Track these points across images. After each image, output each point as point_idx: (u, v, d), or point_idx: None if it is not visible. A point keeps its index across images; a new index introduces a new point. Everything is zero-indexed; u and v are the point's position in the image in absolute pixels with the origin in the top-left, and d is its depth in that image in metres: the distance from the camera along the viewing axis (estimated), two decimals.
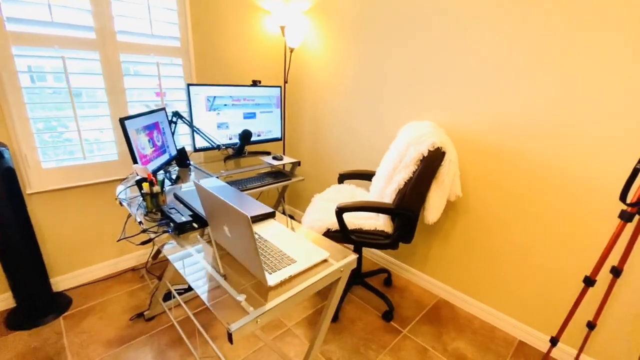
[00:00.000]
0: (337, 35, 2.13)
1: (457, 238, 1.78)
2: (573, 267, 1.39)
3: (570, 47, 1.26)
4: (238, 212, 0.77)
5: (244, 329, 0.75)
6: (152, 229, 1.15)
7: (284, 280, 0.90)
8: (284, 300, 0.84)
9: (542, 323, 1.54)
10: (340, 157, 2.30)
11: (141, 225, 1.18)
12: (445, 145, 1.39)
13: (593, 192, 1.29)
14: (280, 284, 0.89)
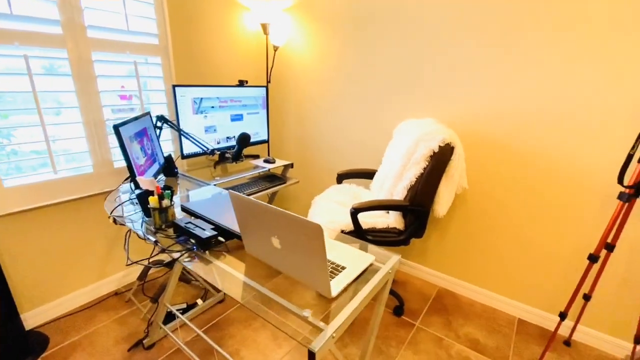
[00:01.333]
0: (324, 33, 2.10)
1: (456, 228, 1.87)
2: (569, 246, 1.53)
3: (560, 43, 1.37)
4: (306, 221, 0.71)
5: (324, 347, 0.70)
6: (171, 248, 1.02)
7: (343, 290, 0.86)
8: (352, 310, 0.80)
9: (540, 301, 1.68)
10: (333, 157, 2.27)
11: (157, 244, 1.05)
12: (454, 141, 1.44)
13: (585, 178, 1.43)
14: (340, 294, 0.85)
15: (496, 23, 1.50)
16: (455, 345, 1.57)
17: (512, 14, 1.45)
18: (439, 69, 1.71)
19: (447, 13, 1.62)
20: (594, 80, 1.33)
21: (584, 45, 1.33)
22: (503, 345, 1.58)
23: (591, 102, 1.36)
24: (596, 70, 1.32)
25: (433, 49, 1.71)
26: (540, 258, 1.63)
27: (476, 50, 1.58)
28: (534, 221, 1.60)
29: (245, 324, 1.67)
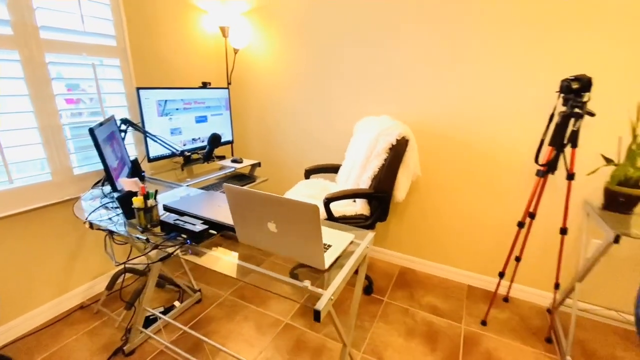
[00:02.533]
0: (283, 36, 2.21)
1: (411, 212, 2.11)
2: (502, 217, 1.85)
3: (488, 49, 1.67)
4: (304, 203, 0.83)
5: (326, 307, 0.83)
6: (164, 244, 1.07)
7: (333, 262, 0.99)
8: (343, 277, 0.94)
9: (483, 267, 1.99)
10: (300, 155, 2.40)
11: (148, 242, 1.08)
12: (408, 134, 1.66)
13: (511, 159, 1.74)
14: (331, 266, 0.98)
15: (438, 31, 1.75)
16: (419, 313, 1.80)
17: (452, 25, 1.72)
18: (391, 71, 1.93)
19: (396, 22, 1.84)
20: (515, 78, 1.64)
21: (506, 51, 1.63)
22: (457, 308, 1.84)
23: (514, 96, 1.67)
24: (516, 70, 1.63)
25: (386, 53, 1.92)
26: (481, 230, 1.93)
27: (422, 53, 1.82)
28: (474, 199, 1.90)
29: (227, 319, 1.72)
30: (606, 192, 1.51)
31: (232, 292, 1.93)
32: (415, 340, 1.61)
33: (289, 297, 0.88)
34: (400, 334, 1.64)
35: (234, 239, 1.14)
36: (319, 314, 0.80)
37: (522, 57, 1.60)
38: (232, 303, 1.84)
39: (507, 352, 1.54)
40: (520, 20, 1.57)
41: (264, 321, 1.71)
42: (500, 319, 1.76)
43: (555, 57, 1.54)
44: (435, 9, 1.72)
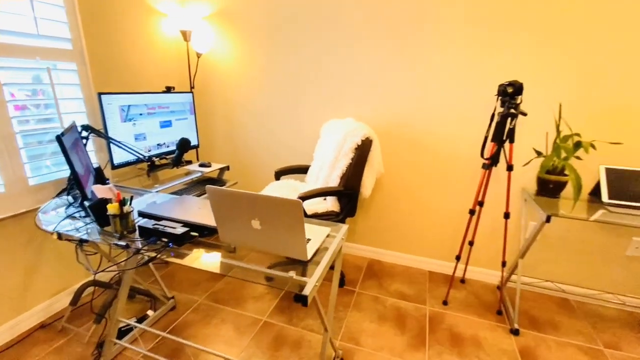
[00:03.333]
0: (247, 41, 2.25)
1: (375, 207, 2.26)
2: (456, 206, 2.06)
3: (438, 60, 1.86)
4: (287, 199, 0.91)
5: (312, 292, 0.91)
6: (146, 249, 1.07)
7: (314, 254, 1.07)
8: (324, 265, 1.02)
9: (442, 253, 2.19)
10: (269, 157, 2.44)
11: (128, 249, 1.08)
12: (371, 135, 1.80)
13: (462, 154, 1.96)
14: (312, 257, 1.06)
15: (394, 41, 1.92)
16: (388, 300, 1.94)
17: (406, 37, 1.89)
18: (353, 76, 2.06)
19: (357, 29, 1.98)
20: (461, 84, 1.85)
21: (454, 60, 1.83)
22: (421, 292, 2.02)
23: (460, 100, 1.88)
24: (462, 76, 1.84)
25: (347, 58, 2.04)
26: (438, 220, 2.13)
27: (380, 60, 1.97)
28: (430, 192, 2.09)
29: (203, 323, 1.72)
30: (538, 180, 1.77)
31: (207, 297, 1.93)
32: (386, 324, 1.74)
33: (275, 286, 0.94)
34: (372, 320, 1.77)
35: (214, 239, 1.17)
36: (306, 299, 0.88)
37: (467, 65, 1.81)
38: (208, 307, 1.84)
39: (466, 326, 1.73)
40: (464, 34, 1.78)
41: (242, 322, 1.74)
42: (459, 298, 1.97)
43: (494, 66, 1.77)
44: (392, 22, 1.89)
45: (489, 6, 1.70)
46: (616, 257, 1.84)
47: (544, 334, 1.69)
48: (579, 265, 1.92)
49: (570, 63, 1.66)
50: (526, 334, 1.69)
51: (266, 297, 1.93)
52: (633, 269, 1.83)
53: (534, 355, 1.55)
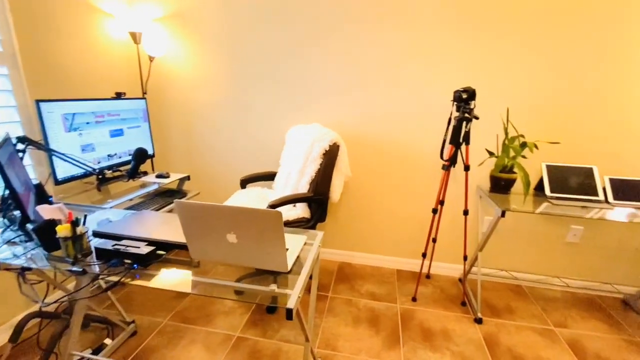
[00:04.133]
0: (205, 45, 2.16)
1: (344, 210, 2.29)
2: (420, 206, 2.16)
3: (398, 68, 1.94)
4: (266, 210, 0.88)
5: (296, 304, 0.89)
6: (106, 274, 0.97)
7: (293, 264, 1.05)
8: (305, 275, 1.00)
9: (408, 251, 2.28)
10: (233, 165, 2.36)
11: (85, 275, 0.97)
12: (339, 140, 1.82)
13: (424, 157, 2.05)
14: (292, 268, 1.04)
15: (357, 50, 1.96)
16: (361, 301, 1.97)
17: (367, 47, 1.94)
18: (318, 82, 2.07)
19: (318, 36, 1.99)
20: (420, 90, 1.95)
21: (412, 68, 1.92)
22: (391, 291, 2.08)
23: (419, 105, 1.97)
24: (421, 83, 1.94)
25: (311, 65, 2.05)
26: (404, 219, 2.21)
27: (343, 66, 2.01)
28: (396, 192, 2.17)
29: (170, 347, 1.60)
30: (491, 178, 1.92)
31: (172, 317, 1.80)
32: (361, 326, 1.76)
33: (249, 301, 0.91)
34: (347, 324, 1.78)
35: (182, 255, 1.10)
36: (291, 312, 0.85)
37: (425, 73, 1.91)
38: (174, 328, 1.72)
39: (435, 320, 1.82)
40: (422, 45, 1.87)
41: (213, 340, 1.65)
42: (426, 293, 2.05)
43: (449, 74, 1.89)
44: (355, 31, 1.93)
45: (444, 21, 1.81)
46: (558, 244, 2.05)
47: (504, 320, 1.83)
48: (528, 253, 2.11)
49: (516, 71, 1.82)
50: (488, 321, 1.81)
51: (237, 312, 1.85)
52: (572, 253, 2.06)
53: (497, 341, 1.67)
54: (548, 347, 1.63)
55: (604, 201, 1.76)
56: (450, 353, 1.58)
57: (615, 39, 1.69)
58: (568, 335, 1.72)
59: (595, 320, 1.84)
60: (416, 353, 1.58)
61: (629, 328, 1.78)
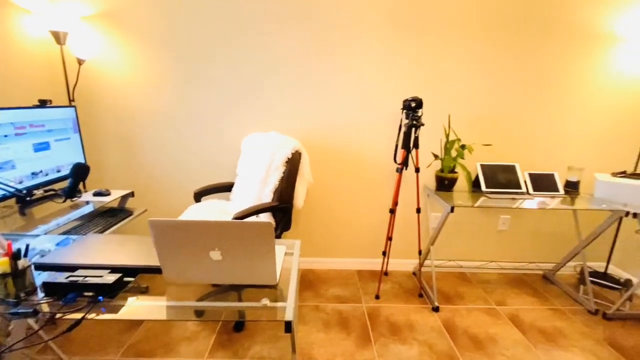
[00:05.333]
0: (145, 48, 1.99)
1: (306, 218, 2.30)
2: (379, 207, 2.28)
3: (354, 77, 2.04)
4: (256, 223, 0.85)
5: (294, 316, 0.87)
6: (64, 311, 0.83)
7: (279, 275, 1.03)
8: (295, 286, 0.99)
9: (369, 252, 2.38)
10: (184, 178, 2.19)
11: (36, 316, 0.81)
12: (300, 148, 1.83)
13: (380, 161, 2.18)
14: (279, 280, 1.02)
15: (314, 60, 2.01)
16: (328, 305, 1.99)
17: (323, 58, 2.00)
18: (273, 89, 2.06)
19: (271, 42, 1.99)
20: (374, 99, 2.07)
21: (367, 77, 2.04)
22: (355, 291, 2.14)
23: (373, 113, 2.10)
24: (375, 92, 2.06)
25: (265, 72, 2.03)
26: (363, 221, 2.31)
27: (300, 74, 2.04)
28: (354, 196, 2.26)
29: None
30: (437, 178, 2.12)
31: (124, 352, 1.60)
32: (333, 330, 1.78)
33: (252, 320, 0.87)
34: (319, 330, 1.78)
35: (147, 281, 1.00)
36: (290, 325, 0.84)
37: (378, 82, 2.05)
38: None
39: (399, 314, 1.93)
40: (373, 58, 2.00)
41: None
42: (386, 290, 2.17)
43: (399, 84, 2.05)
44: (308, 39, 1.97)
45: (394, 37, 1.97)
46: (492, 233, 2.36)
47: (456, 305, 2.02)
48: (469, 243, 2.37)
49: (456, 84, 2.06)
50: (444, 308, 1.99)
51: (201, 335, 1.72)
52: (503, 240, 2.38)
53: (454, 325, 1.84)
54: (494, 324, 1.86)
55: (526, 193, 2.08)
56: (417, 343, 1.70)
57: (534, 63, 2.03)
58: (508, 311, 1.98)
59: (525, 295, 2.15)
60: (388, 348, 1.66)
61: (551, 298, 2.12)
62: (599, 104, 2.12)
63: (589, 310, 1.99)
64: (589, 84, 2.08)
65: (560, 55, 2.03)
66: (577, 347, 1.70)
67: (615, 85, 2.09)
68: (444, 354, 1.63)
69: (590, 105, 2.12)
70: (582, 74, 2.06)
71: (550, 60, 2.04)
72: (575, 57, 2.04)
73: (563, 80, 2.08)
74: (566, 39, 2.01)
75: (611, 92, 2.10)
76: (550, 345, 1.71)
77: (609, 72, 2.06)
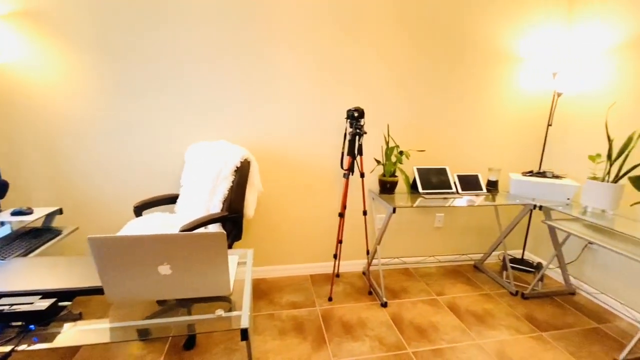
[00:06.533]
0: (72, 52, 1.83)
1: (256, 226, 2.30)
2: (328, 212, 2.36)
3: (301, 86, 2.11)
4: (208, 233, 0.86)
5: (250, 323, 0.89)
6: None
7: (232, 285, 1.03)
8: (249, 294, 1.00)
9: (320, 256, 2.45)
10: (122, 191, 2.03)
11: None
12: (249, 156, 1.84)
13: (328, 167, 2.27)
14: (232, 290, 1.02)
15: (259, 69, 2.03)
16: (283, 312, 2.01)
17: (270, 66, 2.03)
18: (217, 99, 2.04)
19: (214, 52, 1.97)
20: (321, 108, 2.16)
21: (313, 88, 2.12)
22: (309, 296, 2.19)
23: (320, 122, 2.18)
24: (322, 103, 2.15)
25: (206, 81, 2.00)
26: (315, 227, 2.37)
27: (245, 85, 2.04)
28: (304, 203, 2.32)
29: None
30: (380, 182, 2.28)
31: None
32: (288, 336, 1.80)
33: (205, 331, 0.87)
34: (274, 337, 1.79)
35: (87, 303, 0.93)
36: (246, 332, 0.85)
37: (324, 92, 2.14)
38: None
39: (351, 313, 2.02)
40: (318, 69, 2.09)
41: None
42: (339, 291, 2.25)
43: (343, 95, 2.17)
44: (256, 49, 2.00)
45: (337, 50, 2.08)
46: (430, 230, 2.59)
47: (402, 300, 2.18)
48: (410, 240, 2.57)
49: (393, 96, 2.24)
50: (391, 303, 2.13)
51: (147, 358, 1.62)
52: (439, 235, 2.62)
53: (401, 318, 1.98)
54: (436, 313, 2.04)
55: (456, 192, 2.33)
56: (368, 339, 1.80)
57: (457, 78, 2.30)
58: (446, 300, 2.19)
59: (460, 284, 2.40)
60: (341, 347, 1.73)
61: (481, 285, 2.39)
62: (509, 114, 2.48)
63: (510, 292, 2.28)
64: (500, 96, 2.42)
65: (477, 71, 2.34)
66: (503, 324, 1.95)
67: (520, 97, 2.46)
68: (393, 345, 1.75)
69: (502, 115, 2.47)
70: (494, 87, 2.40)
71: (469, 76, 2.34)
72: (488, 73, 2.36)
73: (480, 93, 2.39)
74: (481, 57, 2.32)
75: (517, 103, 2.47)
76: (481, 326, 1.93)
77: (514, 86, 2.43)
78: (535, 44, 2.37)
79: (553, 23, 2.35)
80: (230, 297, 1.00)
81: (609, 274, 2.13)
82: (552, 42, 2.40)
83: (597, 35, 2.19)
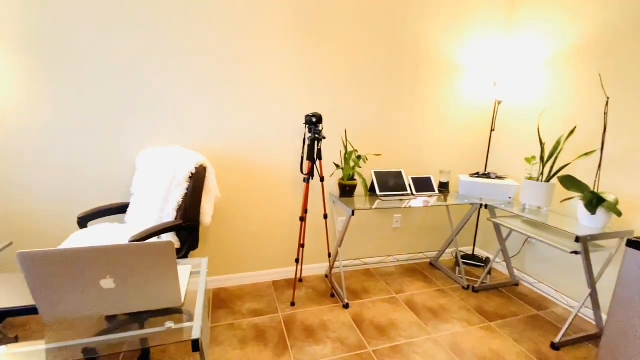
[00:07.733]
0: (9, 51, 1.68)
1: (215, 234, 2.23)
2: (289, 217, 2.35)
3: (257, 92, 2.09)
4: (155, 243, 0.82)
5: (202, 334, 0.86)
6: None
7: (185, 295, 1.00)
8: (202, 303, 0.98)
9: (282, 261, 2.43)
10: (64, 201, 1.87)
11: None
12: (205, 162, 1.79)
13: (287, 172, 2.27)
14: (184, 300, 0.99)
15: (218, 72, 1.99)
16: (244, 321, 1.96)
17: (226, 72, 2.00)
18: (170, 103, 1.96)
19: (165, 54, 1.91)
20: (279, 114, 2.16)
21: (270, 93, 2.11)
22: (271, 302, 2.16)
23: (280, 127, 2.18)
24: (279, 108, 2.15)
25: (167, 81, 1.93)
26: (276, 232, 2.36)
27: (201, 88, 1.99)
28: (265, 208, 2.29)
29: None
30: (340, 186, 2.32)
31: None
32: (249, 345, 1.77)
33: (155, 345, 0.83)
34: (235, 347, 1.74)
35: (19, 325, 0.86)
36: (197, 343, 0.83)
37: (282, 98, 2.14)
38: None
39: (314, 317, 2.03)
40: (275, 74, 2.10)
41: None
42: (301, 296, 2.25)
43: (302, 100, 2.19)
44: (213, 51, 1.95)
45: (294, 55, 2.10)
46: (388, 231, 2.68)
47: (363, 300, 2.23)
48: (370, 241, 2.65)
49: (350, 102, 2.30)
50: (353, 304, 2.17)
51: None
52: (397, 236, 2.73)
53: (362, 318, 2.03)
54: (395, 311, 2.12)
55: (410, 194, 2.44)
56: (330, 341, 1.81)
57: (409, 85, 2.42)
58: (405, 297, 2.28)
59: (417, 281, 2.51)
60: (304, 351, 1.73)
61: (436, 281, 2.52)
62: (457, 120, 2.65)
63: (463, 286, 2.43)
64: (448, 103, 2.59)
65: (428, 79, 2.48)
66: (456, 318, 2.07)
67: (466, 105, 2.65)
68: (354, 345, 1.79)
69: (451, 120, 2.64)
70: (443, 95, 2.56)
71: (421, 83, 2.48)
72: (437, 81, 2.52)
73: (431, 100, 2.54)
74: (431, 66, 2.47)
75: (464, 110, 2.65)
76: (437, 320, 2.03)
77: (461, 94, 2.61)
78: (477, 55, 2.58)
79: (492, 36, 2.57)
80: (182, 309, 0.97)
81: (546, 264, 2.35)
82: (492, 54, 2.62)
83: (533, 47, 2.43)
